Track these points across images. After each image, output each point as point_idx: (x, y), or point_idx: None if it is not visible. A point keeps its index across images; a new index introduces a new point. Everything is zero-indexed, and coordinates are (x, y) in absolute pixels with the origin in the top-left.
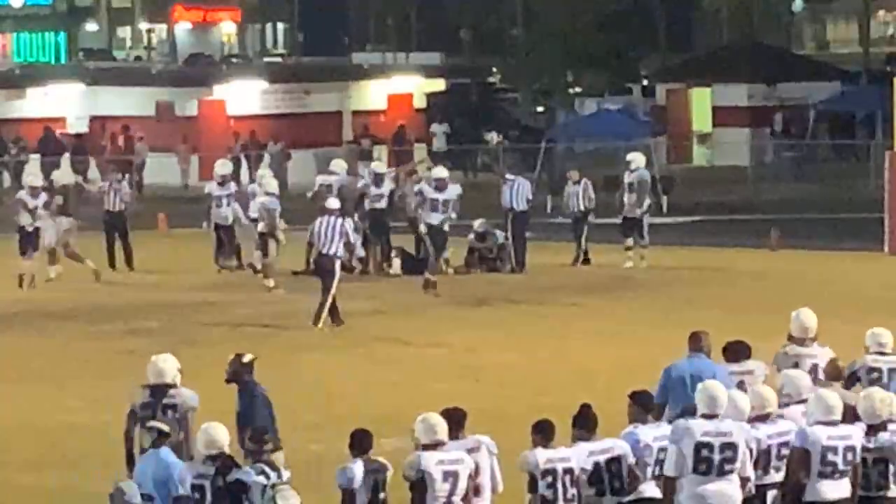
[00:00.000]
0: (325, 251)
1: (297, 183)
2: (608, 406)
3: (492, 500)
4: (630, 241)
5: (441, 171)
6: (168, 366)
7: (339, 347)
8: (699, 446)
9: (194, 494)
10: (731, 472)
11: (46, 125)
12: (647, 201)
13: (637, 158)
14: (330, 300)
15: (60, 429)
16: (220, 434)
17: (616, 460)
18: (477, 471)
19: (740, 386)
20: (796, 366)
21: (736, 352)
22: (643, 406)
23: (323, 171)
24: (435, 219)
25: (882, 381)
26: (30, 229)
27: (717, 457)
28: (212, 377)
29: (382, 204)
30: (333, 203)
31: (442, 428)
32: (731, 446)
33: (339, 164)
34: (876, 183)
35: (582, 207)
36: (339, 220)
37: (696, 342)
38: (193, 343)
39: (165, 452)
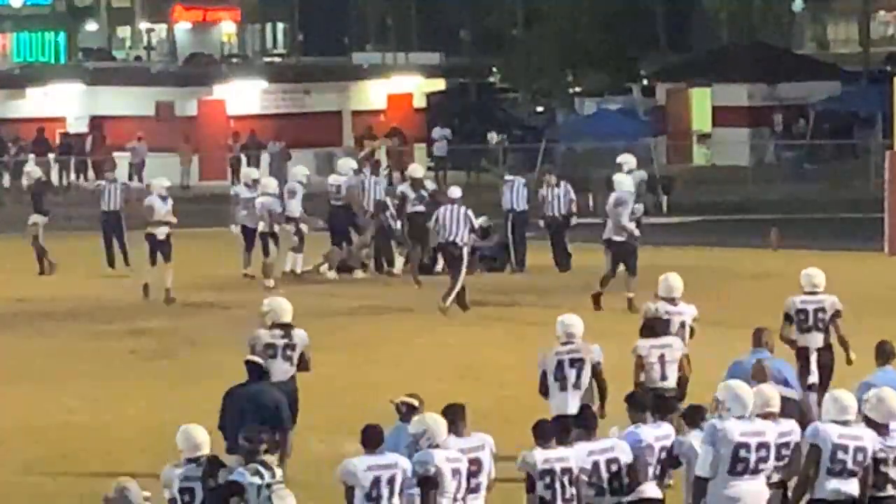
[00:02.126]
0: (451, 238)
1: None
2: (608, 406)
3: (489, 499)
4: None
5: (628, 183)
6: (286, 306)
7: (339, 347)
8: (738, 447)
9: (183, 497)
10: (764, 470)
11: (40, 126)
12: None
13: (630, 160)
14: (459, 285)
15: (60, 429)
16: (200, 436)
17: (616, 460)
18: (479, 469)
19: (662, 360)
20: (668, 323)
21: (653, 328)
22: (636, 406)
23: (323, 173)
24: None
25: (808, 321)
26: (161, 237)
27: (753, 456)
28: (211, 377)
29: (421, 207)
30: (455, 192)
31: (444, 427)
32: (766, 445)
33: (346, 164)
34: (876, 183)
35: (564, 212)
36: (463, 209)
37: (759, 339)
38: (193, 343)
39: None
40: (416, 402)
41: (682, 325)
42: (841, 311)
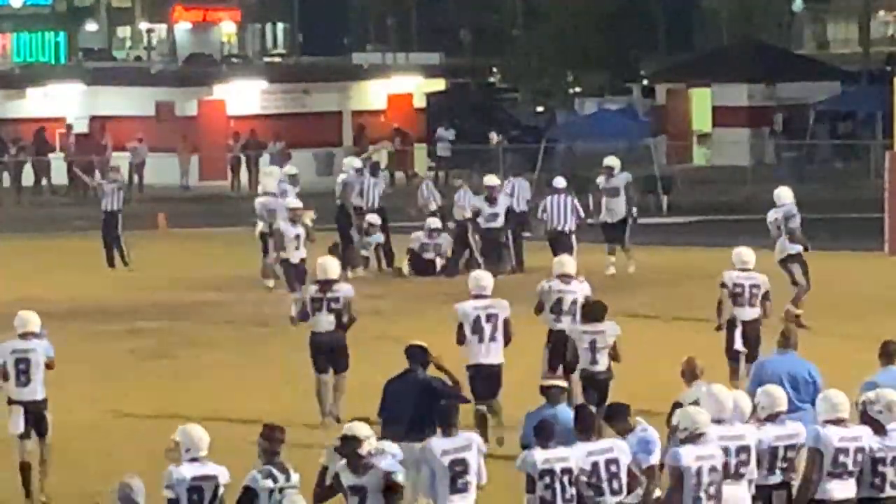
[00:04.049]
0: (560, 228)
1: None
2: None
3: (486, 498)
4: (615, 247)
5: (788, 194)
6: (333, 265)
7: None
8: None
9: (192, 496)
10: (745, 474)
11: (41, 126)
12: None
13: (616, 163)
14: None
15: (60, 429)
16: (201, 433)
17: (615, 461)
18: (466, 469)
19: (593, 345)
20: (559, 300)
21: (590, 313)
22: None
23: (323, 173)
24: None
25: (744, 295)
26: (295, 261)
27: (733, 461)
28: (211, 377)
29: (497, 223)
30: (560, 182)
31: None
32: (746, 449)
33: (348, 163)
34: (876, 183)
35: (469, 216)
36: (569, 198)
37: (787, 339)
38: (193, 343)
39: (563, 409)
40: (563, 384)
41: (574, 302)
42: (769, 292)
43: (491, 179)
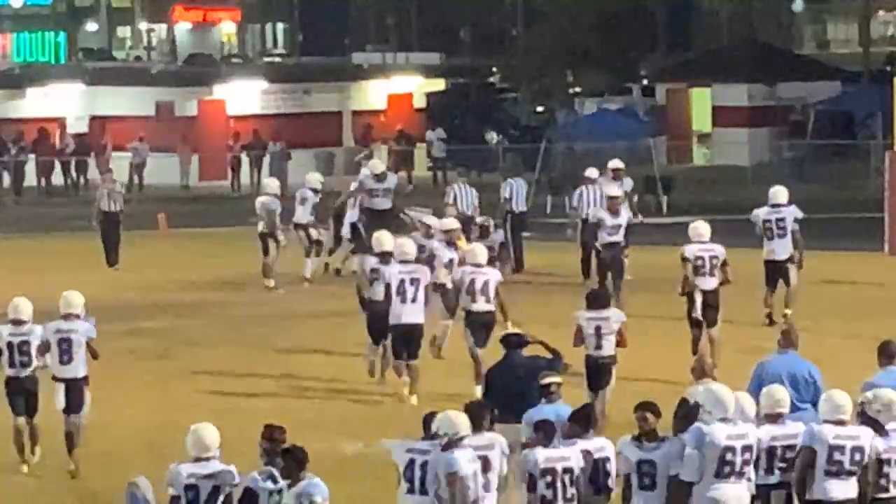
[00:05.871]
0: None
1: (298, 183)
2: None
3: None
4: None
5: (785, 194)
6: (387, 237)
7: (339, 348)
8: (725, 451)
9: (188, 494)
10: (746, 472)
11: (40, 126)
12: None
13: (623, 165)
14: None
15: (61, 429)
16: (210, 436)
17: (607, 459)
18: (489, 467)
19: (598, 331)
20: (472, 282)
21: (596, 300)
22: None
23: (322, 173)
24: None
25: (704, 267)
26: (450, 285)
27: (738, 459)
28: (211, 377)
29: (619, 236)
30: (593, 172)
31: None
32: (749, 448)
33: (375, 165)
34: (876, 183)
35: (470, 213)
36: (601, 189)
37: (787, 339)
38: (193, 343)
39: (563, 407)
40: (558, 380)
41: (486, 283)
42: (727, 260)
43: (612, 189)
